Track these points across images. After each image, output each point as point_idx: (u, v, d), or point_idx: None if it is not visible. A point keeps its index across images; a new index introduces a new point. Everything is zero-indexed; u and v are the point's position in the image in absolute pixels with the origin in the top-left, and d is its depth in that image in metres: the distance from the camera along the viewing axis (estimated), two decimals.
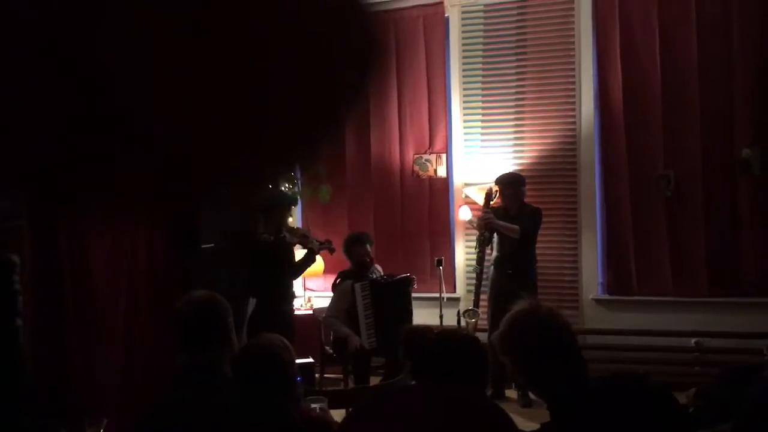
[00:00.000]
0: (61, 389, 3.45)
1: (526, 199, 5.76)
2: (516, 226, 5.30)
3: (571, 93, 6.02)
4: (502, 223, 5.31)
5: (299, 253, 5.13)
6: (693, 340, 5.59)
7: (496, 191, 5.50)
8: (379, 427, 1.44)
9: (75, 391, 3.56)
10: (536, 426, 2.27)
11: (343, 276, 5.21)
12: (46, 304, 3.56)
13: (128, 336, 4.14)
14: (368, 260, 5.20)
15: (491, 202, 5.46)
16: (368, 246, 5.26)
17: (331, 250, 5.13)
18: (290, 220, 6.25)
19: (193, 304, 2.17)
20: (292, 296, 5.11)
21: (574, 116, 6.02)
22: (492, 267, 5.48)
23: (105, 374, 3.90)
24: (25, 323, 3.39)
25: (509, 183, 5.45)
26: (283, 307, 4.85)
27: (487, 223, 5.30)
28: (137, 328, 4.22)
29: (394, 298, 5.15)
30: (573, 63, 6.00)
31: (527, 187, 6.05)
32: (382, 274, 5.30)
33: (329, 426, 2.23)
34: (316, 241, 5.03)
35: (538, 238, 5.99)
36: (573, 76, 6.01)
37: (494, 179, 5.59)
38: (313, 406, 2.76)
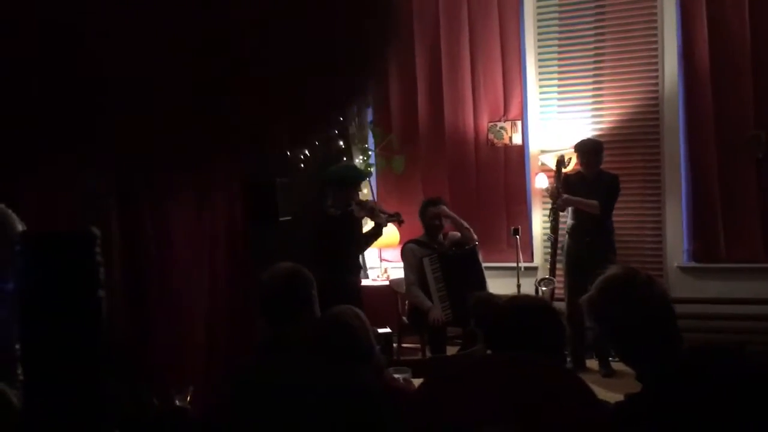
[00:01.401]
0: (148, 360, 3.58)
1: (606, 165, 5.59)
2: (595, 202, 5.14)
3: (653, 52, 5.77)
4: (578, 199, 5.18)
5: (368, 225, 5.13)
6: None
7: (569, 158, 5.35)
8: (455, 397, 1.42)
9: (161, 361, 3.69)
10: (619, 396, 2.20)
11: (407, 243, 5.22)
12: (132, 278, 3.69)
13: (212, 307, 4.26)
14: (437, 223, 5.16)
15: (563, 170, 5.31)
16: (442, 208, 5.22)
17: (400, 222, 5.11)
18: (364, 191, 6.26)
19: (279, 276, 2.20)
20: (358, 268, 5.11)
21: (656, 77, 5.77)
22: (567, 235, 5.35)
23: (189, 345, 4.03)
24: (112, 296, 3.53)
25: (586, 151, 5.29)
26: (348, 278, 4.83)
27: (564, 203, 5.20)
28: (219, 300, 4.33)
29: (464, 269, 5.10)
30: (655, 20, 5.73)
31: (607, 152, 5.87)
32: (452, 242, 5.26)
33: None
34: (385, 213, 5.00)
35: (619, 206, 5.83)
36: (655, 35, 5.75)
37: (572, 146, 5.44)
38: (396, 376, 2.77)
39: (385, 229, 5.06)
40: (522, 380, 1.54)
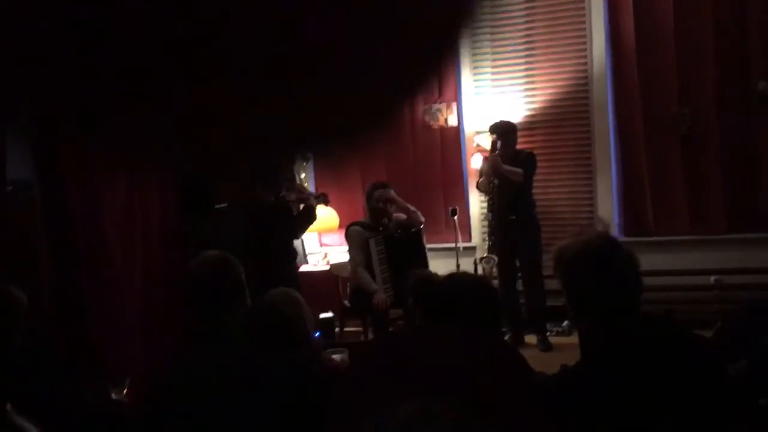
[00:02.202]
0: (82, 354, 3.51)
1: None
2: (519, 170, 5.27)
3: (582, 32, 5.89)
4: (507, 167, 5.27)
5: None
6: (712, 278, 5.56)
7: (497, 140, 5.44)
8: (387, 371, 1.43)
9: (96, 354, 3.62)
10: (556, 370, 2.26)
11: (351, 225, 5.22)
12: (62, 272, 3.59)
13: (146, 298, 4.18)
14: (381, 206, 5.16)
15: (495, 152, 5.40)
16: (387, 191, 5.21)
17: (326, 202, 5.09)
18: (302, 176, 6.23)
19: (205, 265, 2.17)
20: (294, 256, 5.06)
21: (585, 56, 5.90)
22: (491, 215, 5.45)
23: (125, 336, 3.96)
24: (42, 292, 3.43)
25: (502, 132, 5.39)
26: (283, 267, 4.77)
27: (494, 168, 5.25)
28: (154, 291, 4.26)
29: (408, 252, 5.14)
30: (583, 1, 5.85)
31: (539, 130, 6.00)
32: (398, 224, 5.28)
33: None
34: (312, 195, 4.97)
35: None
36: (583, 15, 5.87)
37: (488, 128, 5.53)
38: (334, 357, 2.78)
39: (322, 214, 5.04)
40: (455, 352, 1.56)
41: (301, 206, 4.92)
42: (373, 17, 0.76)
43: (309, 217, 4.87)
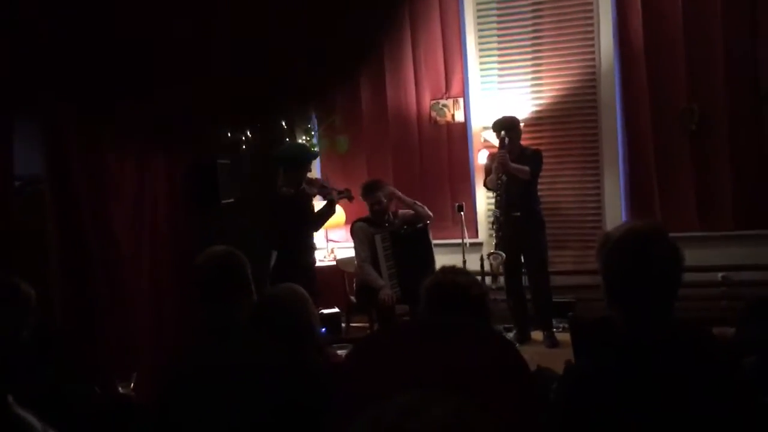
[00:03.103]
0: (91, 350, 3.53)
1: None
2: (526, 168, 5.25)
3: (590, 28, 5.87)
4: (514, 165, 5.25)
5: (318, 204, 5.12)
6: (720, 275, 5.55)
7: (505, 137, 5.41)
8: (382, 364, 1.43)
9: (104, 350, 3.64)
10: (560, 367, 2.26)
11: (356, 221, 5.23)
12: (71, 268, 3.61)
13: (154, 293, 4.20)
14: (377, 208, 5.15)
15: (505, 148, 5.37)
16: (380, 194, 5.20)
17: (350, 198, 5.12)
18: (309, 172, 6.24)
19: (211, 259, 2.19)
20: (313, 248, 5.12)
21: (593, 53, 5.88)
22: (498, 211, 5.43)
23: (133, 332, 3.98)
24: (51, 285, 3.45)
25: (507, 127, 5.36)
26: (304, 259, 4.87)
27: (503, 165, 5.24)
28: (162, 285, 4.28)
29: (414, 248, 5.14)
30: None
31: (546, 127, 5.99)
32: (404, 220, 5.28)
33: None
34: (335, 190, 5.01)
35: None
36: (591, 11, 5.85)
37: (492, 125, 5.50)
38: (339, 352, 2.79)
39: (346, 209, 5.09)
40: (452, 344, 1.55)
41: (323, 201, 4.99)
42: None
43: (329, 212, 4.95)
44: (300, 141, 6.21)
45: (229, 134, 5.15)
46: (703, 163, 5.67)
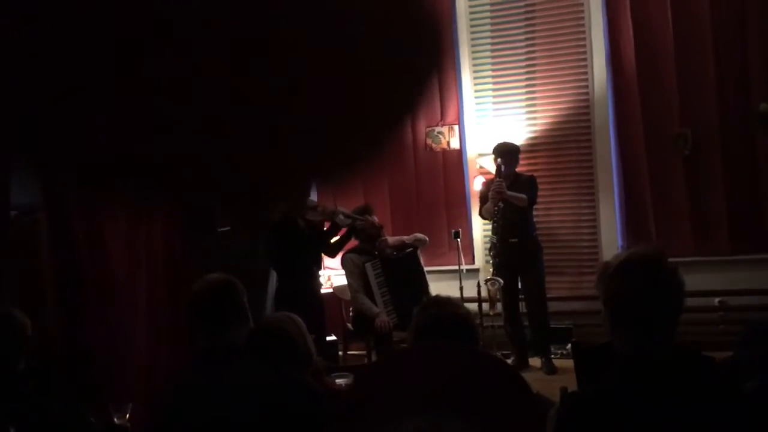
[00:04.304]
0: (86, 376, 3.49)
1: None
2: (523, 195, 5.27)
3: (582, 56, 5.94)
4: (511, 193, 5.28)
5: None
6: (717, 300, 5.54)
7: (502, 164, 5.44)
8: (384, 390, 1.42)
9: (100, 378, 3.61)
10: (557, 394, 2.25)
11: (346, 253, 5.23)
12: (66, 297, 3.59)
13: (150, 322, 4.17)
14: (374, 232, 5.15)
15: (501, 176, 5.40)
16: (373, 216, 5.22)
17: (371, 231, 5.12)
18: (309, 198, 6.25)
19: (208, 287, 2.18)
20: (317, 274, 5.10)
21: (586, 79, 5.94)
22: (495, 237, 5.44)
23: (129, 360, 3.94)
24: (46, 315, 3.43)
25: (505, 152, 5.40)
26: (308, 285, 4.84)
27: (500, 193, 5.26)
28: (159, 314, 4.25)
29: (406, 272, 5.14)
30: (583, 25, 5.91)
31: (541, 153, 6.02)
32: (393, 247, 5.28)
33: None
34: (349, 217, 5.00)
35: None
36: (583, 39, 5.92)
37: (492, 150, 5.54)
38: (338, 381, 2.77)
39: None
40: (455, 369, 1.54)
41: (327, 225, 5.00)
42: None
43: (343, 239, 4.96)
44: None
45: None
46: (697, 187, 5.70)
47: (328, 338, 5.28)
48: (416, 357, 1.74)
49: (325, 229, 5.06)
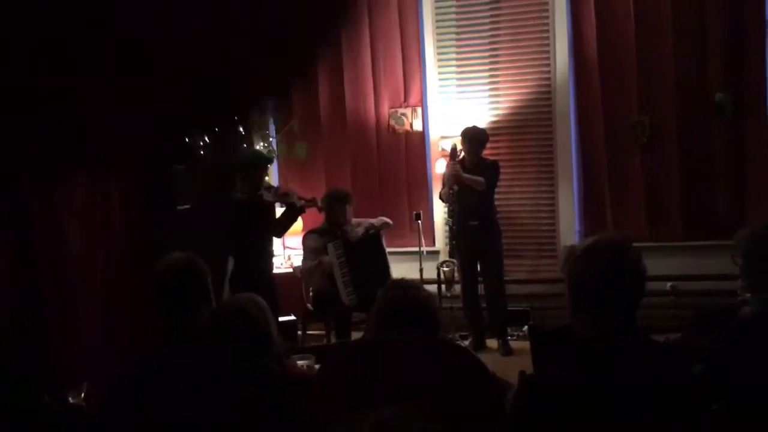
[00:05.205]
0: (40, 355, 3.44)
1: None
2: (481, 179, 5.31)
3: (545, 42, 5.98)
4: (467, 176, 5.31)
5: (281, 211, 5.10)
6: (669, 284, 5.69)
7: (461, 147, 5.47)
8: (351, 379, 1.44)
9: (55, 356, 3.55)
10: (513, 375, 2.28)
11: (308, 232, 5.22)
12: (20, 272, 3.52)
13: (107, 300, 4.12)
14: (342, 221, 5.18)
15: (456, 158, 5.43)
16: (348, 207, 5.24)
17: (320, 209, 5.10)
18: (266, 179, 6.20)
19: (172, 266, 2.16)
20: (270, 254, 5.08)
21: (548, 65, 5.99)
22: (451, 220, 5.49)
23: (85, 339, 3.89)
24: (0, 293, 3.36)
25: (470, 137, 5.44)
26: (260, 265, 4.82)
27: (455, 176, 5.29)
28: (116, 292, 4.20)
29: (368, 254, 5.15)
30: (547, 11, 5.95)
31: (503, 137, 6.07)
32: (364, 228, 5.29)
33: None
34: (301, 198, 4.98)
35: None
36: (547, 25, 5.96)
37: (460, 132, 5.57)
38: (299, 363, 2.78)
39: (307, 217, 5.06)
40: (417, 359, 1.56)
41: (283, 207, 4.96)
42: None
43: (291, 219, 4.91)
44: (258, 147, 6.17)
45: (186, 140, 5.09)
46: (653, 175, 5.82)
47: (287, 318, 5.27)
48: (378, 348, 1.75)
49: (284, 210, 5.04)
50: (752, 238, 2.30)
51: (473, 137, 5.43)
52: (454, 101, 6.20)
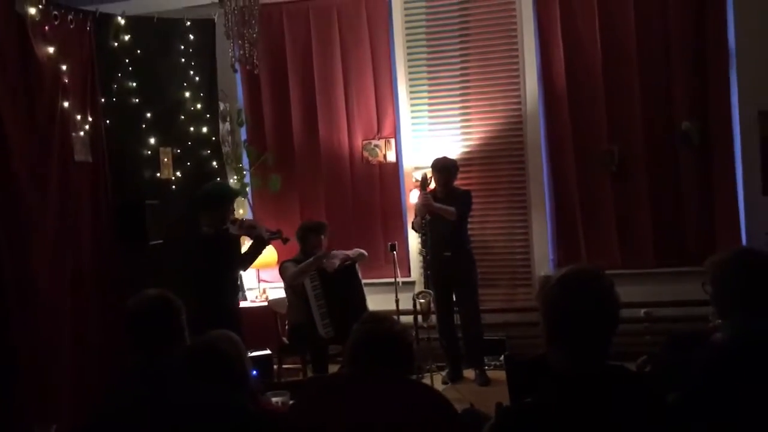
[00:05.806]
0: (9, 399, 3.36)
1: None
2: (452, 208, 5.33)
3: (515, 74, 6.07)
4: (438, 205, 5.33)
5: (248, 244, 5.03)
6: (642, 311, 5.74)
7: (431, 177, 5.51)
8: (323, 416, 1.43)
9: (24, 396, 3.47)
10: (491, 405, 2.28)
11: (284, 262, 5.18)
12: None
13: (76, 340, 4.04)
14: (317, 251, 5.15)
15: (427, 188, 5.46)
16: (323, 237, 5.23)
17: (284, 240, 5.02)
18: (240, 211, 6.16)
19: (145, 304, 2.13)
20: (237, 289, 4.97)
21: (518, 96, 6.08)
22: (425, 251, 5.49)
23: (54, 380, 3.81)
24: None
25: (440, 168, 5.47)
26: (223, 300, 4.66)
27: (426, 206, 5.32)
28: (84, 331, 4.13)
29: (344, 285, 5.13)
30: (516, 44, 6.05)
31: (475, 168, 6.13)
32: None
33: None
34: (267, 231, 4.91)
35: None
36: (516, 57, 6.06)
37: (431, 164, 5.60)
38: (274, 400, 2.74)
39: (274, 250, 4.98)
40: (385, 398, 1.55)
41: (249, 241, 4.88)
42: None
43: (256, 252, 4.79)
44: (231, 180, 6.14)
45: (158, 174, 5.04)
46: (623, 203, 5.90)
47: (263, 352, 5.19)
48: (347, 386, 1.73)
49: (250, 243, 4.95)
50: (721, 265, 2.33)
51: (442, 168, 5.47)
52: (427, 132, 6.25)
